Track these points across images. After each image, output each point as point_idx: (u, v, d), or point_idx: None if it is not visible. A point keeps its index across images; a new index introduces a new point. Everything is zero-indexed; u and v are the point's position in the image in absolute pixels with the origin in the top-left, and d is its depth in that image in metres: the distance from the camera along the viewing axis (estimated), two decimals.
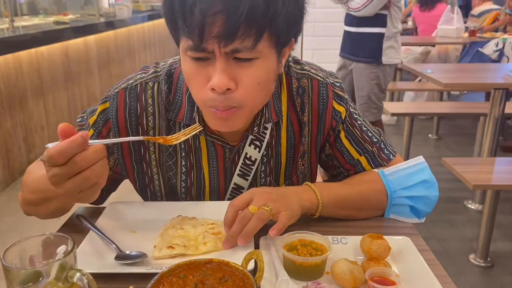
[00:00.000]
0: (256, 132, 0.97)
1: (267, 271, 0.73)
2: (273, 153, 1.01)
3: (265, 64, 0.81)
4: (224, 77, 0.77)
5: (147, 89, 0.96)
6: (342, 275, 0.73)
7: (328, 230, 0.90)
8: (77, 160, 0.65)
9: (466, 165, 2.36)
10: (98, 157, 0.67)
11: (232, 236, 0.83)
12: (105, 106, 0.96)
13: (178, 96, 0.96)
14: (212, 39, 0.74)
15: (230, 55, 0.77)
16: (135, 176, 1.02)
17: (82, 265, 0.71)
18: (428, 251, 0.84)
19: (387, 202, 0.96)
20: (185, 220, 0.92)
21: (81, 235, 0.87)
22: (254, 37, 0.74)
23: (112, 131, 0.96)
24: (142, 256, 0.80)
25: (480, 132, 3.49)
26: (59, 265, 0.59)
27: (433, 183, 0.98)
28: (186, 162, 1.00)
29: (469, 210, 3.00)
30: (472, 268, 2.38)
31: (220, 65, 0.77)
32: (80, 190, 0.68)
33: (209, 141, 0.98)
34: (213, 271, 0.67)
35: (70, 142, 0.65)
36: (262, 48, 0.78)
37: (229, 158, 0.99)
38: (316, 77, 1.01)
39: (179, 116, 0.95)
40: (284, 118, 1.00)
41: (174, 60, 1.01)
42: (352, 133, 1.03)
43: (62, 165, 0.65)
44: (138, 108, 0.96)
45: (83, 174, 0.66)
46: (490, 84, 2.77)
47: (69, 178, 0.66)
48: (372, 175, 1.00)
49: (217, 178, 1.01)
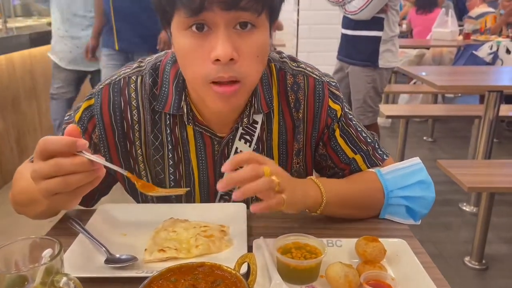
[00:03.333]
0: (246, 123, 0.96)
1: (260, 274, 0.72)
2: (264, 148, 1.00)
3: (263, 35, 0.82)
4: (228, 45, 0.77)
5: (130, 83, 0.96)
6: (337, 279, 0.72)
7: (322, 232, 0.89)
8: (60, 162, 0.66)
9: (461, 167, 2.36)
10: (82, 168, 0.67)
11: (233, 180, 0.75)
12: (90, 103, 0.96)
13: (164, 87, 0.95)
14: (216, 5, 0.74)
15: (232, 23, 0.77)
16: (124, 175, 1.00)
17: (71, 268, 0.69)
18: (424, 253, 0.83)
19: (384, 202, 0.95)
20: (177, 223, 0.91)
21: (71, 237, 0.85)
22: (261, 2, 0.76)
23: (97, 127, 0.96)
24: (133, 259, 0.78)
25: (475, 134, 3.50)
26: (44, 269, 0.57)
27: (429, 184, 0.97)
28: (174, 155, 0.98)
29: (464, 212, 3.00)
30: (467, 270, 2.37)
31: (223, 34, 0.77)
32: (55, 193, 0.68)
33: (197, 132, 0.97)
34: (204, 274, 0.65)
35: (60, 139, 0.66)
36: (261, 18, 0.80)
37: (218, 151, 0.98)
38: (312, 75, 1.01)
39: (166, 107, 0.94)
40: (275, 112, 0.99)
41: (159, 55, 1.00)
42: (347, 132, 1.02)
43: (45, 161, 0.66)
44: (121, 103, 0.95)
45: (62, 178, 0.66)
46: (485, 87, 2.78)
47: (48, 178, 0.67)
48: (370, 174, 0.99)
49: (206, 171, 1.00)
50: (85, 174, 0.68)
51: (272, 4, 0.81)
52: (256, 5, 0.76)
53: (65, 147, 0.65)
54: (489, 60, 4.27)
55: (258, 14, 0.78)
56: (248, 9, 0.76)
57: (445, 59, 5.16)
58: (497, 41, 4.43)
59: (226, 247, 0.84)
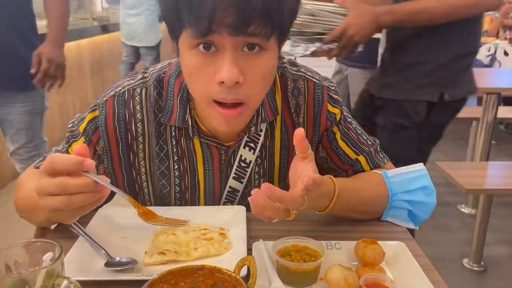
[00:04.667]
0: (254, 132, 0.96)
1: (260, 277, 0.72)
2: (267, 155, 1.01)
3: (271, 57, 0.80)
4: (234, 69, 0.75)
5: (135, 95, 0.95)
6: (336, 282, 0.72)
7: (322, 235, 0.89)
8: (65, 182, 0.66)
9: (459, 169, 2.37)
10: (86, 189, 0.67)
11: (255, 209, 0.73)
12: (94, 114, 0.95)
13: (169, 100, 0.95)
14: (224, 29, 0.72)
15: (239, 46, 0.76)
16: (125, 185, 1.01)
17: (71, 272, 0.69)
18: (423, 256, 0.83)
19: (388, 203, 0.96)
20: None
21: (71, 240, 0.85)
22: (270, 27, 0.74)
23: (101, 139, 0.95)
24: (133, 262, 0.78)
25: (473, 136, 3.50)
26: (45, 272, 0.57)
27: (432, 190, 0.98)
28: (180, 166, 0.98)
29: (462, 214, 3.01)
30: (465, 272, 2.38)
31: (229, 57, 0.75)
32: (58, 210, 0.69)
33: (203, 143, 0.97)
34: (204, 277, 0.66)
35: (68, 158, 0.67)
36: (270, 41, 0.77)
37: (224, 160, 0.98)
38: (312, 79, 1.01)
39: (172, 120, 0.94)
40: (278, 119, 0.99)
41: (163, 65, 0.99)
42: (348, 135, 1.03)
43: (50, 179, 0.67)
44: (126, 115, 0.95)
45: (66, 197, 0.67)
46: (483, 89, 2.77)
47: (52, 195, 0.67)
48: (376, 174, 0.99)
49: (212, 181, 1.00)
50: (89, 195, 0.68)
51: (282, 26, 0.78)
52: (265, 30, 0.74)
53: (72, 166, 0.66)
54: (487, 62, 4.28)
55: (267, 39, 0.76)
56: (257, 34, 0.74)
57: None
58: (494, 43, 4.44)
59: (225, 250, 0.85)
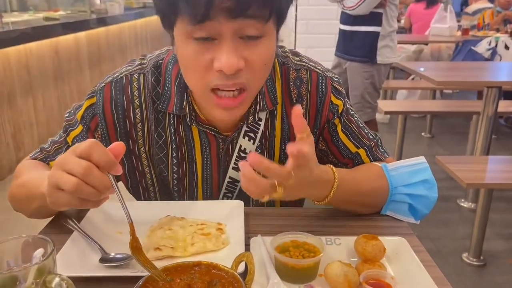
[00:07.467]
0: (252, 122, 0.94)
1: (258, 273, 0.70)
2: (267, 144, 0.99)
3: (270, 43, 0.79)
4: (233, 56, 0.74)
5: (132, 81, 0.94)
6: (336, 278, 0.70)
7: (321, 230, 0.88)
8: (92, 169, 0.65)
9: (459, 163, 2.35)
10: (102, 188, 0.66)
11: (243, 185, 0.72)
12: (91, 101, 0.94)
13: (167, 86, 0.93)
14: (221, 13, 0.70)
15: (237, 33, 0.74)
16: (126, 174, 1.00)
17: (65, 268, 0.68)
18: (424, 252, 0.82)
19: (388, 197, 0.94)
20: (174, 221, 0.89)
21: (65, 235, 0.84)
22: (268, 9, 0.73)
23: (99, 126, 0.94)
24: (128, 258, 0.77)
25: (473, 130, 3.49)
26: (36, 269, 0.56)
27: (433, 184, 0.96)
28: (178, 154, 0.97)
29: (462, 208, 3.00)
30: (465, 267, 2.37)
31: (228, 45, 0.74)
32: (61, 189, 0.67)
33: (201, 131, 0.95)
34: (201, 274, 0.64)
35: (106, 153, 0.66)
36: (268, 26, 0.76)
37: (222, 149, 0.97)
38: (316, 70, 0.99)
39: (169, 107, 0.93)
40: (279, 108, 0.98)
41: (161, 51, 0.98)
42: (350, 127, 1.01)
43: (80, 159, 0.66)
44: (124, 101, 0.94)
45: (79, 181, 0.65)
46: (483, 82, 2.77)
47: (69, 173, 0.66)
48: (376, 167, 0.97)
49: (210, 169, 0.99)
50: (98, 193, 0.67)
51: (280, 8, 0.77)
52: (263, 11, 0.73)
53: (106, 164, 0.66)
54: (487, 56, 4.25)
55: (266, 21, 0.74)
56: (256, 16, 0.72)
57: (443, 55, 5.15)
58: (495, 36, 4.42)
59: (223, 245, 0.83)
